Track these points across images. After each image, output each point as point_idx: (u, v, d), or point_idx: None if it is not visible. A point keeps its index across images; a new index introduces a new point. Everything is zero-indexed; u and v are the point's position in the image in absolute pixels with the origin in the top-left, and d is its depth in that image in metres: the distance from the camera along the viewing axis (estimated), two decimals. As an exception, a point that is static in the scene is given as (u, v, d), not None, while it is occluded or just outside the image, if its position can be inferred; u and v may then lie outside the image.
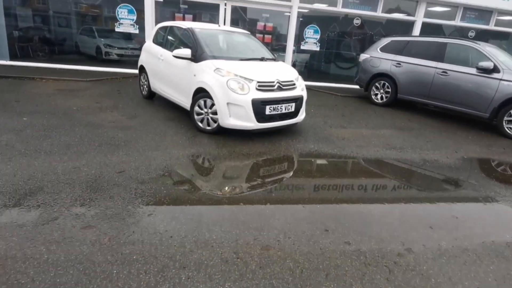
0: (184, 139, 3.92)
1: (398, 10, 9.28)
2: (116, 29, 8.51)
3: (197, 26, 4.70)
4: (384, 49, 7.16)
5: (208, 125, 4.17)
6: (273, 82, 4.01)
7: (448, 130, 5.54)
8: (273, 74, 4.12)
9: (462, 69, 5.81)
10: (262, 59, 4.59)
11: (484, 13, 9.56)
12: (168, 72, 4.82)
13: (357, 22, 9.25)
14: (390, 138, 4.75)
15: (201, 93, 4.12)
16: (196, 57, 4.21)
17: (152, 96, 5.88)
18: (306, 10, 9.10)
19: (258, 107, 3.83)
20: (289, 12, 8.79)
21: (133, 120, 4.55)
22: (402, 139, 4.77)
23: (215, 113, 4.02)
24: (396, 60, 6.80)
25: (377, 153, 4.05)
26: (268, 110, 3.91)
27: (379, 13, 9.07)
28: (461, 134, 5.40)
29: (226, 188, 2.87)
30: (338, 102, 7.16)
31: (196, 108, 4.19)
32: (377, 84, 7.21)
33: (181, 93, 4.57)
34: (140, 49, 6.39)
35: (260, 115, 3.87)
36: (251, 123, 3.86)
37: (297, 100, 4.24)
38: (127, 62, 9.75)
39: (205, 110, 4.11)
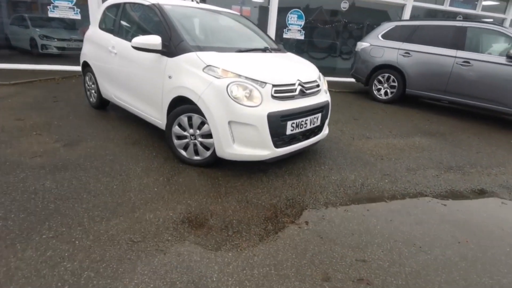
0: (160, 183, 2.46)
1: (387, -7, 8.33)
2: (50, 14, 6.53)
3: (166, 2, 3.18)
4: (387, 36, 6.12)
5: (196, 153, 2.74)
6: (294, 84, 2.69)
7: (484, 134, 4.64)
8: (290, 72, 2.78)
9: (489, 58, 4.93)
10: (265, 50, 3.22)
11: (472, -3, 9.00)
12: (126, 71, 3.26)
13: (344, 6, 8.15)
14: (432, 150, 3.68)
15: (182, 105, 2.67)
16: (171, 49, 2.73)
17: (104, 105, 4.24)
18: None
19: (277, 125, 2.48)
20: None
21: (74, 149, 2.96)
22: (447, 151, 3.73)
23: (207, 135, 2.61)
24: (403, 49, 5.79)
25: (443, 182, 2.91)
26: (289, 129, 2.58)
27: (369, -4, 8.05)
28: (501, 138, 4.53)
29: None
30: (338, 101, 6.01)
31: (176, 129, 2.73)
32: (380, 77, 6.17)
33: (148, 103, 3.07)
34: None
35: (278, 137, 2.53)
36: (267, 150, 2.51)
37: (323, 109, 2.96)
38: (71, 57, 7.79)
39: (191, 131, 2.68)
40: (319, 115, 2.89)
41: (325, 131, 3.17)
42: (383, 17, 9.29)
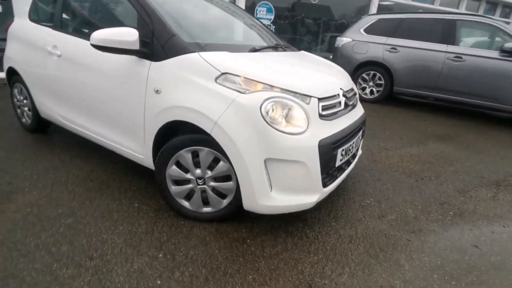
0: (162, 265, 1.54)
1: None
2: (-50, 3, 4.88)
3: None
4: (370, 30, 5.70)
5: (206, 203, 1.86)
6: (338, 95, 1.94)
7: (487, 133, 4.37)
8: (329, 79, 2.02)
9: (482, 53, 4.73)
10: (277, 48, 2.43)
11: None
12: (79, 82, 2.20)
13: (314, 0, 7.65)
14: (460, 160, 3.24)
15: (182, 135, 1.77)
16: (155, 48, 1.79)
17: (45, 127, 3.08)
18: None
19: (328, 157, 1.71)
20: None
21: (2, 211, 1.88)
22: (474, 160, 3.32)
23: (223, 177, 1.76)
24: (390, 44, 5.41)
25: (509, 206, 2.45)
26: (339, 158, 1.83)
27: (338, -12, 7.64)
28: (505, 137, 4.33)
29: None
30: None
31: (173, 170, 1.81)
32: (364, 75, 5.75)
33: (119, 130, 2.08)
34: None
35: (327, 172, 1.75)
36: (315, 194, 1.71)
37: (364, 124, 2.29)
38: None
39: (197, 172, 1.78)
40: (361, 132, 2.21)
41: (360, 150, 2.50)
42: (326, 12, 9.07)
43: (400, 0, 8.74)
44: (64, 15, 2.38)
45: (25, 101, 2.97)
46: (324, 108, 1.77)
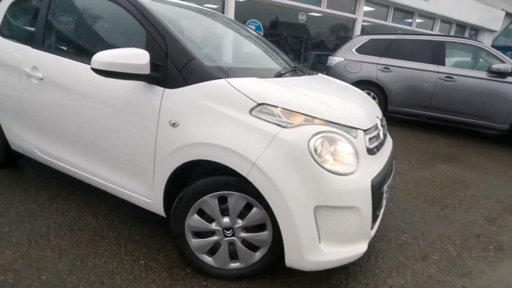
0: None
1: (338, 7, 8.15)
2: None
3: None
4: (361, 50, 5.70)
5: (234, 257, 1.53)
6: (377, 126, 1.71)
7: (486, 152, 4.36)
8: (364, 107, 1.76)
9: (471, 73, 4.82)
10: (296, 71, 2.18)
11: (407, 14, 9.56)
12: (67, 111, 1.81)
13: (302, 18, 7.65)
14: (474, 184, 3.11)
15: (205, 177, 1.43)
16: (171, 73, 1.48)
17: (13, 161, 2.59)
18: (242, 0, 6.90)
19: (378, 198, 1.45)
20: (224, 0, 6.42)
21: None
22: (488, 182, 3.21)
23: (256, 227, 1.44)
24: (382, 64, 5.42)
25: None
26: (384, 196, 1.60)
27: (323, 8, 7.71)
28: (504, 155, 4.35)
29: None
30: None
31: (194, 220, 1.46)
32: (356, 94, 5.70)
33: (119, 169, 1.70)
34: None
35: (374, 214, 1.51)
36: (364, 242, 1.42)
37: (394, 155, 2.08)
38: None
39: (224, 221, 1.44)
40: (394, 162, 1.99)
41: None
42: (302, 30, 9.16)
43: (380, 21, 9.02)
44: (48, 32, 2.00)
45: (-9, 130, 2.50)
46: (370, 140, 1.53)
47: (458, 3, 10.61)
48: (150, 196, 1.65)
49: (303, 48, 9.45)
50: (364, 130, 1.49)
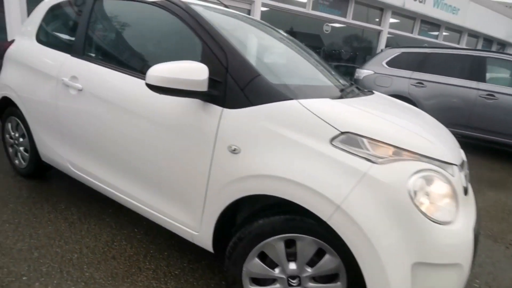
0: None
1: (364, 19, 7.95)
2: None
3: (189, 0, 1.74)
4: (393, 63, 5.47)
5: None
6: (463, 161, 1.49)
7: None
8: (448, 138, 1.55)
9: (515, 92, 4.54)
10: (354, 89, 1.96)
11: (434, 27, 9.29)
12: (111, 128, 1.65)
13: (327, 29, 7.48)
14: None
15: (271, 215, 1.23)
16: (231, 90, 1.30)
17: (43, 171, 2.46)
18: (266, 9, 6.78)
19: (476, 248, 1.24)
20: (249, 9, 6.30)
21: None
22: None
23: (328, 277, 1.23)
24: (415, 79, 5.17)
25: None
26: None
27: (349, 19, 7.52)
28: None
29: None
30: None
31: (255, 265, 1.25)
32: (386, 109, 5.45)
33: (164, 194, 1.51)
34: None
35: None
36: None
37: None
38: None
39: (290, 268, 1.22)
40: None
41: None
42: (317, 41, 8.87)
43: (406, 33, 8.77)
44: (90, 40, 1.86)
45: (21, 140, 2.37)
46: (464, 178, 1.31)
47: (486, 16, 10.29)
48: (196, 228, 1.45)
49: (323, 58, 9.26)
50: (458, 165, 1.27)
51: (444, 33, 9.61)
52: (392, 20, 8.27)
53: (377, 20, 8.22)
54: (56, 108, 1.94)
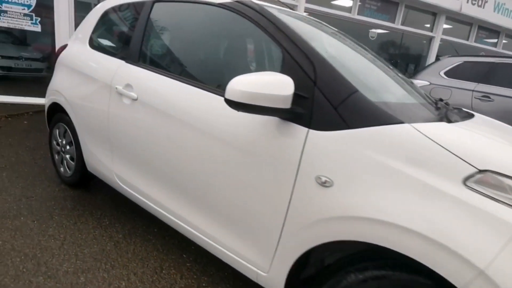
0: None
1: (414, 24, 7.44)
2: (-7, 22, 4.48)
3: (260, 2, 1.52)
4: (452, 74, 4.98)
5: None
6: None
7: None
8: None
9: None
10: (458, 111, 1.61)
11: (493, 33, 8.52)
12: (169, 144, 1.46)
13: (373, 35, 7.08)
14: None
15: (372, 269, 0.95)
16: (321, 108, 1.05)
17: (86, 181, 2.35)
18: (305, 13, 6.53)
19: None
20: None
21: None
22: None
23: None
24: (481, 91, 4.64)
25: None
26: None
27: (397, 25, 7.06)
28: None
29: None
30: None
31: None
32: (442, 123, 4.95)
33: (227, 225, 1.29)
34: (43, 60, 2.79)
35: None
36: None
37: None
38: (18, 84, 5.83)
39: None
40: None
41: None
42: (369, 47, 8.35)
43: (461, 40, 8.10)
44: (148, 45, 1.71)
45: (68, 147, 2.29)
46: None
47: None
48: (265, 268, 1.21)
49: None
50: None
51: (504, 41, 8.78)
52: (445, 26, 7.67)
53: (429, 25, 7.66)
54: (107, 118, 1.80)
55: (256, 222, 1.20)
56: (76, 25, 4.77)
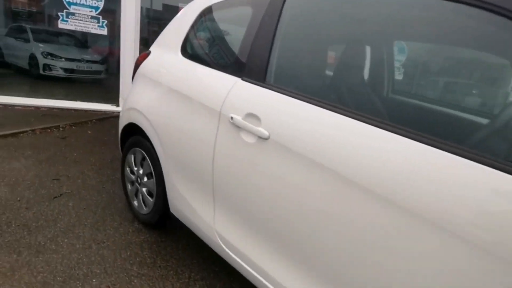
0: None
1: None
2: (61, 25, 4.33)
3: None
4: None
5: None
6: None
7: None
8: None
9: None
10: None
11: None
12: (327, 215, 0.89)
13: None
14: None
15: None
16: None
17: (164, 221, 1.89)
18: None
19: None
20: None
21: None
22: None
23: None
24: None
25: None
26: None
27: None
28: None
29: None
30: None
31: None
32: None
33: None
34: (102, 62, 2.43)
35: None
36: None
37: None
38: (82, 86, 5.78)
39: None
40: None
41: None
42: None
43: None
44: (282, 57, 1.17)
45: (145, 179, 1.85)
46: None
47: None
48: None
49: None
50: None
51: None
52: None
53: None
54: (212, 157, 1.30)
55: None
56: (141, 29, 4.49)
